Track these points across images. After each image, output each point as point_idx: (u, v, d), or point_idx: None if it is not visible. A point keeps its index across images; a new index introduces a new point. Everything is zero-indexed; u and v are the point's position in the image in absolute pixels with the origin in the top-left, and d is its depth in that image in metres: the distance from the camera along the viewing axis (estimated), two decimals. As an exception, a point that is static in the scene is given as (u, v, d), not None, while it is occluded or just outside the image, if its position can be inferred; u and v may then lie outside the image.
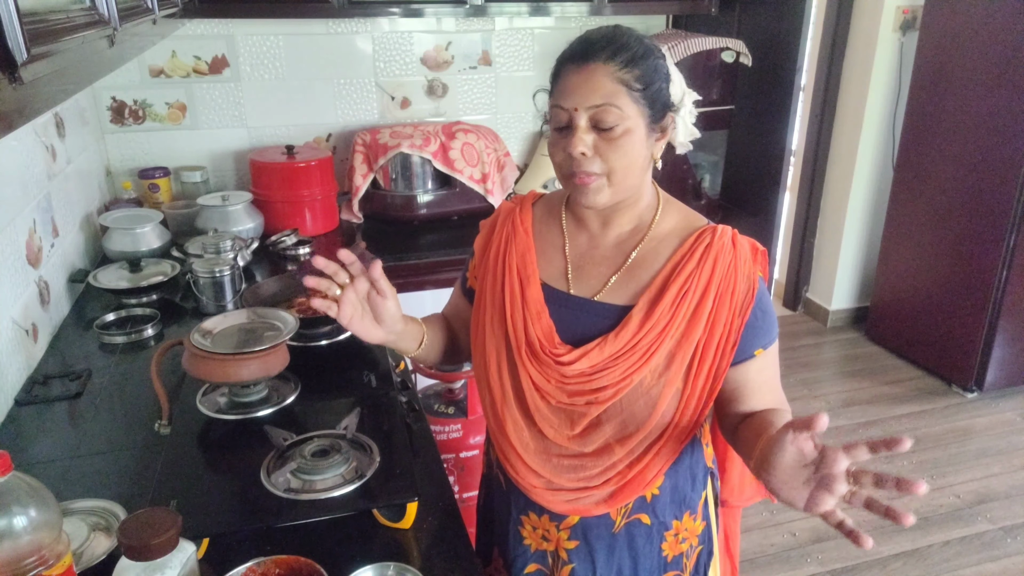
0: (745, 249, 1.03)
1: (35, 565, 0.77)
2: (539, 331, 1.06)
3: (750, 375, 1.04)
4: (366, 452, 1.14)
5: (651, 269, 1.04)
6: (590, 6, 2.60)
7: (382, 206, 2.59)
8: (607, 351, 1.01)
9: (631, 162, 0.98)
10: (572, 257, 1.10)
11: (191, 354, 1.29)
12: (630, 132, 0.96)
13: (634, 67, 0.96)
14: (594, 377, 1.02)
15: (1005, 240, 2.97)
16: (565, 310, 1.08)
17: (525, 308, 1.08)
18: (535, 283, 1.09)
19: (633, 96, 0.96)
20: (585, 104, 0.96)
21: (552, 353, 1.05)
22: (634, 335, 1.01)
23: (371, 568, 0.97)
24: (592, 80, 0.95)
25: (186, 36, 2.48)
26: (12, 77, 0.60)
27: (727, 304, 1.01)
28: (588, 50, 0.97)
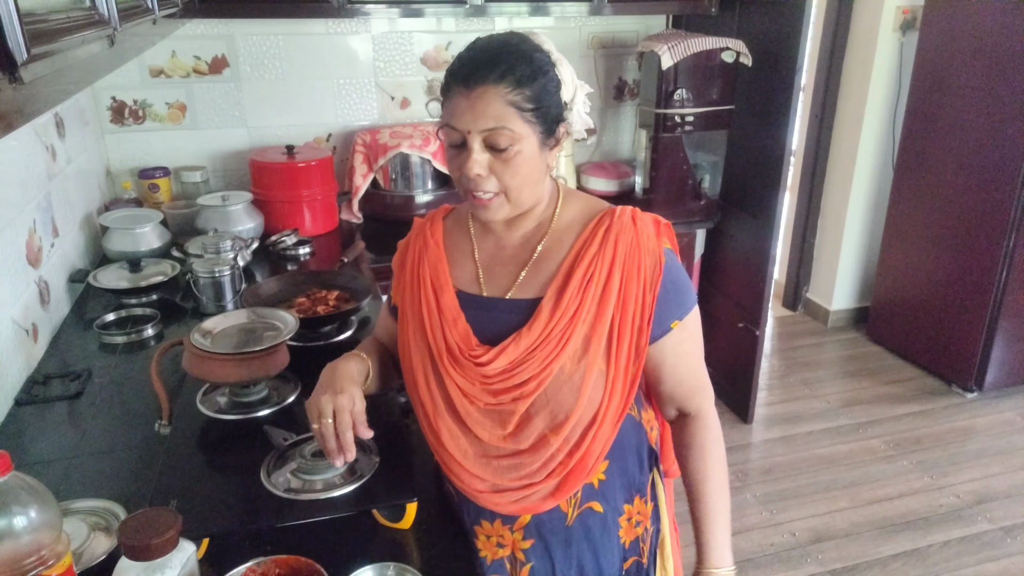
0: (647, 225, 1.06)
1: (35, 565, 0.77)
2: (456, 336, 1.08)
3: (667, 350, 1.07)
4: (366, 452, 1.14)
5: (556, 259, 1.06)
6: (590, 6, 2.60)
7: (382, 206, 2.59)
8: (523, 345, 1.03)
9: (525, 178, 1.01)
10: (482, 261, 1.12)
11: (191, 354, 1.29)
12: (523, 151, 0.98)
13: (524, 87, 0.96)
14: (514, 373, 1.04)
15: (1005, 240, 2.97)
16: (480, 312, 1.09)
17: (441, 316, 1.10)
18: (449, 291, 1.11)
19: (524, 116, 0.97)
20: (477, 128, 0.97)
21: (471, 356, 1.06)
22: (546, 325, 1.03)
23: (371, 568, 0.97)
24: (482, 102, 0.96)
25: (186, 36, 2.48)
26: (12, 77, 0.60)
27: (635, 280, 1.03)
28: (477, 71, 0.97)
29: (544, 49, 1.02)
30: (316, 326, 1.63)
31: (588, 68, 2.97)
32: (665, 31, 2.93)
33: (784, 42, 2.51)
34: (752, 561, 2.35)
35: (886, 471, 2.78)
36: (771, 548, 2.40)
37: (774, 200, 2.62)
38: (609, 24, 2.95)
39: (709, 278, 3.10)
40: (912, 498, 2.63)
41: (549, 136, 1.02)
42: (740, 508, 2.58)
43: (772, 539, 2.44)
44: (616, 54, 3.00)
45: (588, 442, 1.05)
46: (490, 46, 1.00)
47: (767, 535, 2.46)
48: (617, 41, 2.98)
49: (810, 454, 2.89)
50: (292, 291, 1.73)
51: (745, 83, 2.70)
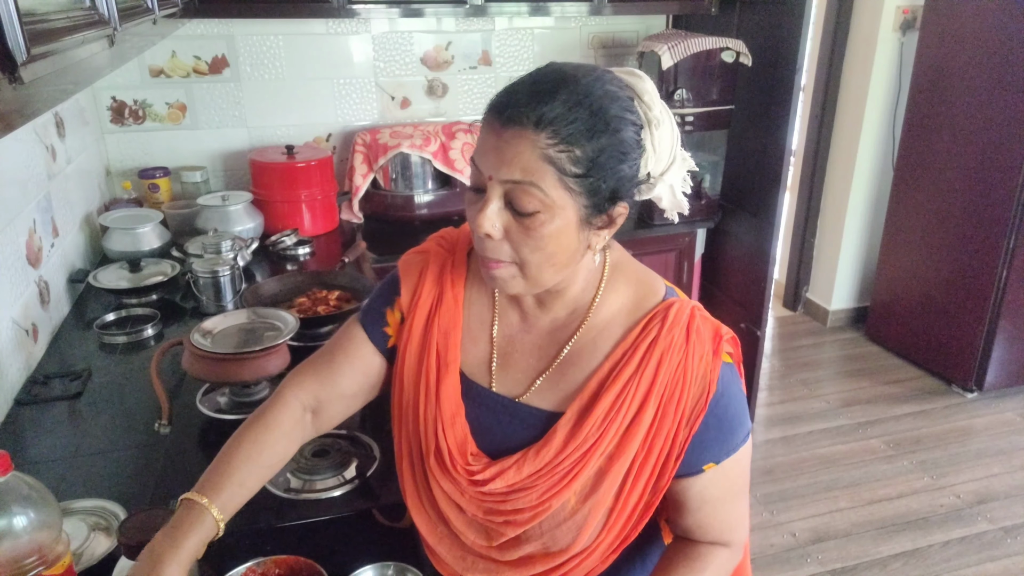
0: (703, 343, 0.84)
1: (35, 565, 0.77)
2: (452, 441, 0.89)
3: (692, 492, 0.88)
4: (366, 452, 1.14)
5: (586, 368, 0.86)
6: (590, 6, 2.60)
7: (382, 206, 2.59)
8: (525, 470, 0.86)
9: (550, 257, 0.78)
10: (499, 342, 0.91)
11: (191, 354, 1.29)
12: (552, 222, 0.76)
13: (574, 144, 0.73)
14: (510, 498, 0.87)
15: (1005, 240, 2.97)
16: (484, 410, 0.90)
17: (439, 407, 0.90)
18: (454, 372, 0.91)
19: (564, 181, 0.74)
20: (500, 176, 0.75)
21: (465, 468, 0.89)
22: (557, 453, 0.85)
23: (371, 568, 0.97)
24: (513, 148, 0.74)
25: (186, 36, 2.48)
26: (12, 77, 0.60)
27: (672, 414, 0.83)
28: (517, 106, 0.74)
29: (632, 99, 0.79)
30: (316, 326, 1.63)
31: (588, 68, 2.97)
32: (665, 31, 2.93)
33: (784, 42, 2.51)
34: (752, 561, 2.34)
35: (886, 471, 2.78)
36: (771, 548, 2.40)
37: (774, 200, 2.62)
38: (609, 24, 2.94)
39: (710, 278, 3.10)
40: (912, 498, 2.63)
41: (597, 214, 0.79)
42: (740, 508, 2.58)
43: (772, 539, 2.44)
44: (616, 54, 3.00)
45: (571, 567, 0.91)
46: (549, 77, 0.76)
47: (767, 535, 2.46)
48: (617, 41, 2.98)
49: (810, 454, 2.89)
50: (292, 291, 1.73)
51: (745, 83, 2.70)
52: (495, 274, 0.82)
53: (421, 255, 0.97)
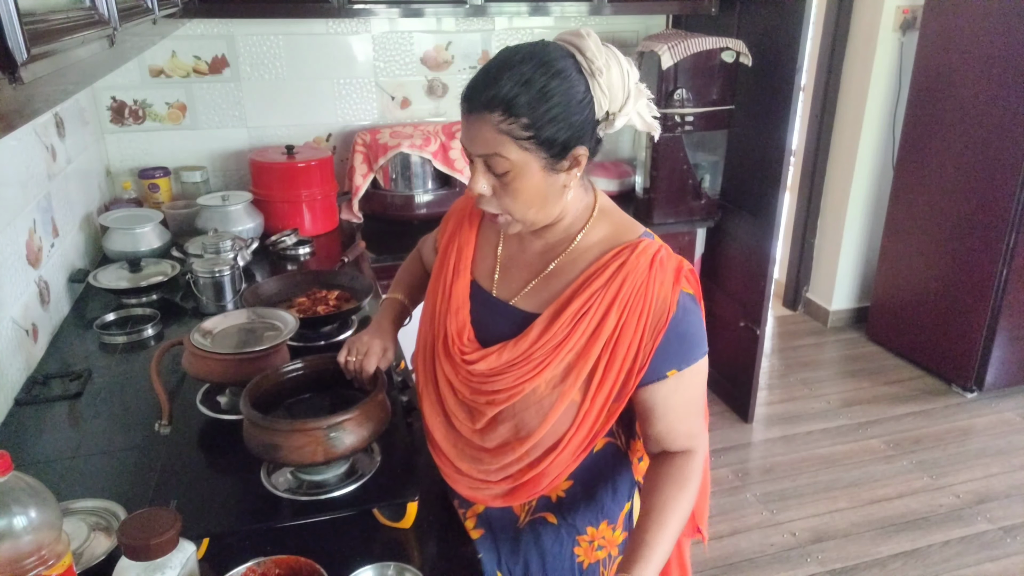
0: (665, 271, 1.00)
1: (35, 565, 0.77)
2: (454, 327, 1.10)
3: (659, 396, 1.02)
4: (366, 452, 1.14)
5: (564, 280, 1.04)
6: (590, 6, 2.60)
7: (382, 206, 2.59)
8: (505, 357, 1.03)
9: (529, 201, 0.98)
10: (502, 258, 1.12)
11: (191, 354, 1.29)
12: (522, 176, 0.95)
13: (519, 115, 0.92)
14: (491, 379, 1.04)
15: (1005, 240, 2.97)
16: (485, 309, 1.10)
17: (448, 302, 1.12)
18: (464, 278, 1.13)
19: (520, 144, 0.93)
20: (475, 151, 0.97)
21: (460, 351, 1.08)
22: (531, 345, 1.02)
23: (371, 568, 0.97)
24: (476, 128, 0.95)
25: (186, 36, 2.48)
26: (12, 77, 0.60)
27: (634, 325, 0.99)
28: (473, 95, 0.95)
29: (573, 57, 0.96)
30: (316, 326, 1.63)
31: (588, 68, 2.97)
32: (665, 31, 2.93)
33: (784, 42, 2.51)
34: (752, 561, 2.35)
35: (886, 471, 2.78)
36: (771, 548, 2.40)
37: (774, 200, 2.63)
38: (609, 24, 2.94)
39: (710, 277, 3.10)
40: (912, 498, 2.63)
41: (558, 160, 0.97)
42: (740, 508, 2.58)
43: (772, 539, 2.44)
44: (616, 54, 3.00)
45: (547, 464, 1.05)
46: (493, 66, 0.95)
47: (767, 535, 2.46)
48: (617, 41, 2.98)
49: (810, 454, 2.89)
50: (292, 291, 1.73)
51: (745, 83, 2.70)
52: (497, 222, 1.03)
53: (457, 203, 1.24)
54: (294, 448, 1.01)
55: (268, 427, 1.02)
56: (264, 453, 1.03)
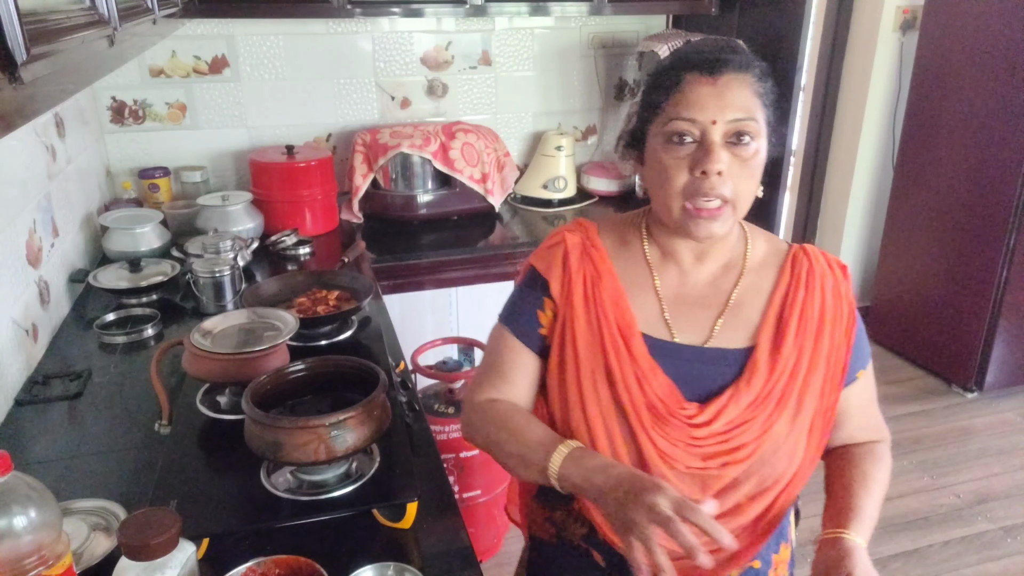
0: (836, 267, 1.00)
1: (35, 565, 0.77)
2: (658, 391, 0.93)
3: (852, 399, 0.99)
4: (366, 452, 1.14)
5: (757, 305, 0.96)
6: (590, 6, 2.60)
7: (382, 206, 2.59)
8: (742, 402, 0.91)
9: (754, 183, 0.91)
10: (666, 297, 0.97)
11: (191, 354, 1.29)
12: (760, 152, 0.90)
13: (767, 79, 0.90)
14: (730, 435, 0.91)
15: (1005, 240, 2.97)
16: (675, 362, 0.95)
17: (635, 366, 0.94)
18: (636, 333, 0.95)
19: (764, 110, 0.90)
20: (725, 117, 0.86)
21: (681, 415, 0.92)
22: (767, 380, 0.92)
23: (371, 568, 0.97)
24: (731, 91, 0.87)
25: (186, 36, 2.48)
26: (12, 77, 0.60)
27: (837, 329, 0.95)
28: (721, 58, 0.88)
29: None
30: (316, 326, 1.63)
31: (588, 68, 2.97)
32: (665, 31, 2.93)
33: (784, 42, 2.51)
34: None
35: (886, 471, 2.78)
36: (771, 548, 2.40)
37: (774, 200, 2.62)
38: (609, 24, 2.94)
39: (709, 278, 3.10)
40: (912, 498, 2.63)
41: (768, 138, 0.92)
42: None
43: (772, 539, 2.44)
44: (616, 54, 3.00)
45: (775, 511, 0.95)
46: (720, 40, 0.95)
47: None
48: (617, 41, 2.98)
49: (810, 454, 2.89)
50: (292, 291, 1.73)
51: (745, 83, 2.70)
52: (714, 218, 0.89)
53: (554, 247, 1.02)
54: (296, 446, 1.01)
55: (271, 425, 1.02)
56: (266, 451, 1.03)
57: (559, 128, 3.02)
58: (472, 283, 2.48)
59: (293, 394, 1.19)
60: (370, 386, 1.11)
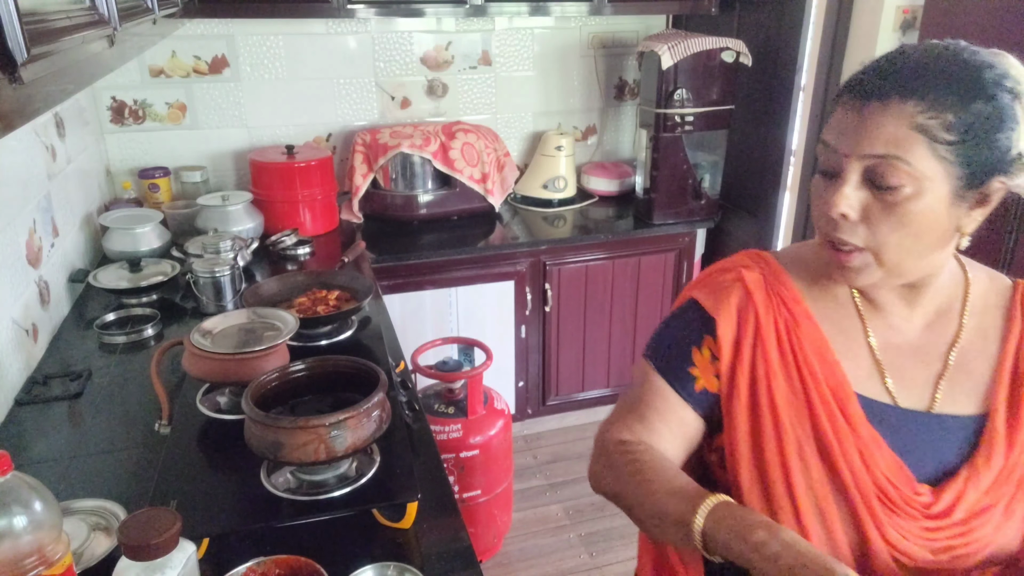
0: None
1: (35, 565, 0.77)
2: (885, 469, 0.77)
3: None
4: (366, 452, 1.14)
5: (987, 358, 0.80)
6: (590, 6, 2.60)
7: (382, 206, 2.59)
8: (982, 484, 0.75)
9: (914, 238, 0.73)
10: (881, 352, 0.81)
11: (191, 354, 1.29)
12: (920, 197, 0.71)
13: (947, 109, 0.69)
14: (971, 525, 0.76)
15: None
16: (898, 432, 0.79)
17: (855, 435, 0.77)
18: (852, 396, 0.79)
19: (935, 149, 0.69)
20: (859, 151, 0.72)
21: (916, 501, 0.76)
22: (1007, 455, 0.76)
23: (371, 568, 0.97)
24: (874, 121, 0.71)
25: (186, 36, 2.48)
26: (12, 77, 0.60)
27: None
28: (881, 80, 0.72)
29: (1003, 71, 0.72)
30: (316, 326, 1.63)
31: (588, 68, 2.97)
32: (665, 31, 2.93)
33: (784, 42, 2.51)
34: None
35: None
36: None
37: (774, 200, 2.63)
38: (609, 24, 2.94)
39: (709, 278, 3.10)
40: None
41: (970, 189, 0.72)
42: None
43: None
44: (616, 54, 3.00)
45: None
46: (912, 55, 0.73)
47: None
48: (617, 41, 2.98)
49: (810, 454, 2.88)
50: (292, 291, 1.73)
51: (745, 83, 2.70)
52: (847, 265, 0.75)
53: (728, 278, 0.85)
54: (297, 446, 1.01)
55: (271, 425, 1.02)
56: (266, 451, 1.03)
57: (559, 128, 3.02)
58: (472, 283, 2.48)
59: (293, 394, 1.19)
60: (370, 386, 1.11)
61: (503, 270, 2.50)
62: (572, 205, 2.86)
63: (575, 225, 2.72)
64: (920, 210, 0.71)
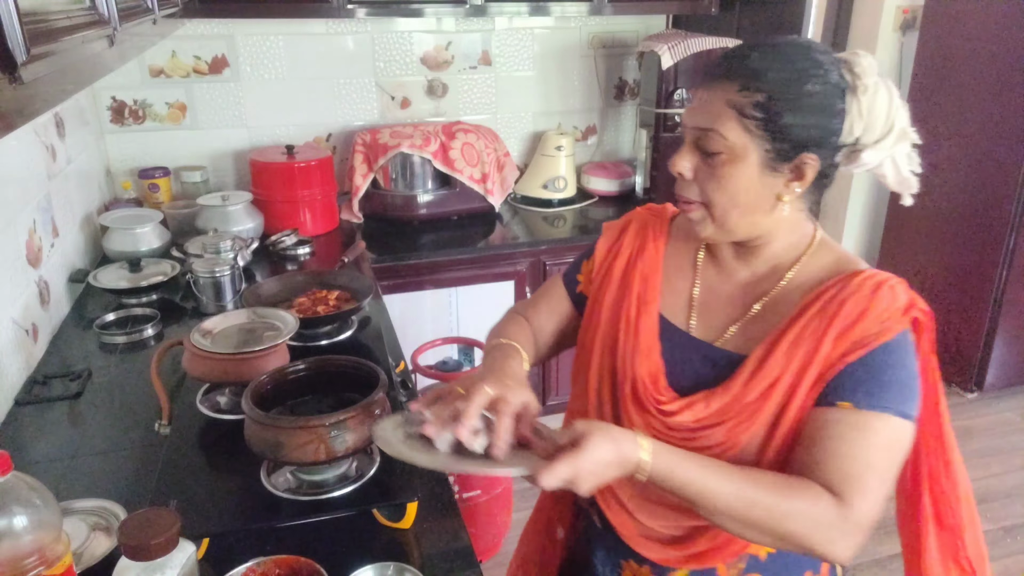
0: (896, 297, 0.86)
1: (35, 565, 0.77)
2: (645, 371, 0.95)
3: (820, 422, 0.85)
4: (366, 452, 1.14)
5: (779, 318, 0.91)
6: (590, 6, 2.60)
7: (382, 206, 2.59)
8: (713, 405, 0.89)
9: (733, 197, 0.87)
10: (700, 291, 0.99)
11: (191, 354, 1.29)
12: (734, 164, 0.85)
13: (759, 91, 0.83)
14: (697, 434, 0.90)
15: (1005, 240, 2.97)
16: (678, 351, 0.96)
17: (636, 340, 0.97)
18: (652, 312, 0.98)
19: (745, 124, 0.84)
20: (691, 123, 0.89)
21: (655, 399, 0.93)
22: (743, 388, 0.89)
23: (371, 568, 0.97)
24: (704, 98, 0.87)
25: (186, 36, 2.48)
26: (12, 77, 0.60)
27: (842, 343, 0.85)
28: (717, 66, 0.87)
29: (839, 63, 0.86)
30: (316, 326, 1.63)
31: (588, 68, 2.97)
32: (665, 31, 2.93)
33: (784, 42, 2.51)
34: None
35: (886, 471, 2.77)
36: (771, 548, 2.40)
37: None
38: (609, 24, 2.94)
39: (709, 278, 3.10)
40: (912, 498, 2.62)
41: (781, 161, 0.86)
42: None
43: (772, 539, 2.44)
44: (616, 54, 3.00)
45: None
46: (754, 46, 0.87)
47: (767, 535, 2.46)
48: (617, 41, 2.98)
49: (810, 454, 2.88)
50: (292, 291, 1.73)
51: (745, 83, 2.70)
52: (689, 214, 0.92)
53: (625, 218, 1.10)
54: (297, 446, 1.01)
55: (271, 425, 1.02)
56: (266, 451, 1.03)
57: (559, 128, 3.03)
58: (472, 283, 2.48)
59: (293, 394, 1.19)
60: (370, 386, 1.11)
61: (503, 270, 2.50)
62: (572, 205, 2.86)
63: (575, 225, 2.72)
64: (735, 175, 0.86)
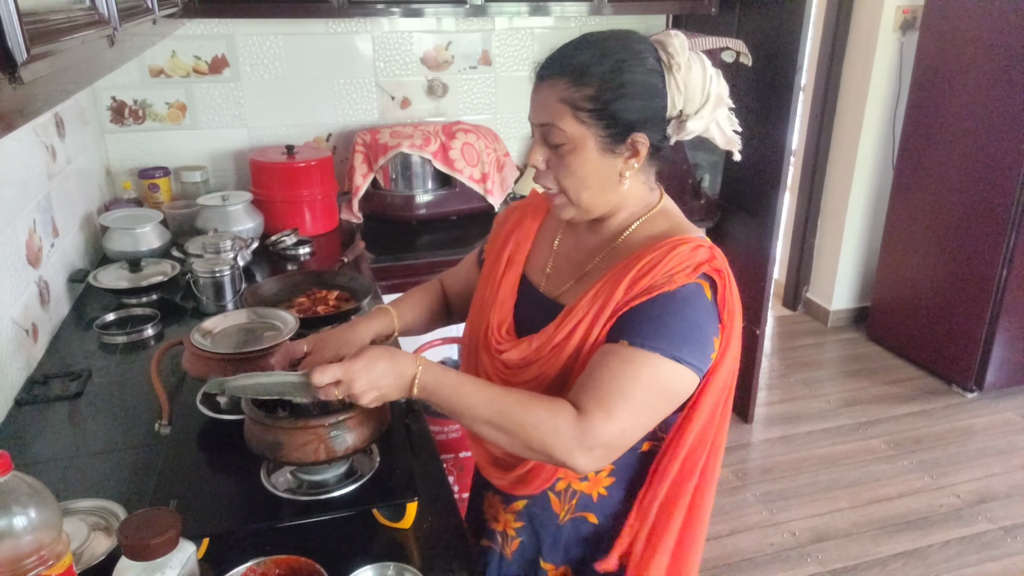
0: (693, 257, 0.94)
1: (35, 565, 0.77)
2: (495, 319, 1.10)
3: (597, 355, 0.95)
4: (366, 452, 1.14)
5: (600, 274, 1.01)
6: (590, 6, 2.60)
7: (382, 206, 2.59)
8: (534, 344, 1.03)
9: (583, 181, 0.97)
10: (556, 255, 1.12)
11: (191, 354, 1.29)
12: (576, 152, 0.95)
13: (586, 86, 0.92)
14: (521, 371, 1.05)
15: (1005, 240, 2.97)
16: (531, 305, 1.11)
17: (496, 294, 1.12)
18: (515, 271, 1.13)
19: (578, 116, 0.93)
20: (535, 120, 0.98)
21: (496, 341, 1.09)
22: (554, 331, 1.00)
23: (371, 568, 0.97)
24: (541, 97, 0.96)
25: (186, 36, 2.48)
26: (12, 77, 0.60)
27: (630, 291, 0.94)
28: (547, 64, 0.97)
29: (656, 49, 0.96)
30: (316, 326, 1.63)
31: (588, 68, 2.97)
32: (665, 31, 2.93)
33: (784, 42, 2.51)
34: (752, 561, 2.35)
35: (886, 471, 2.78)
36: (771, 548, 2.40)
37: (774, 200, 2.63)
38: (609, 24, 2.94)
39: (709, 278, 3.10)
40: (912, 498, 2.63)
41: (616, 143, 0.95)
42: (739, 508, 2.58)
43: (772, 539, 2.44)
44: (616, 54, 3.00)
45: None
46: (577, 41, 0.97)
47: (767, 534, 2.46)
48: (617, 41, 2.98)
49: (810, 454, 2.89)
50: (292, 291, 1.74)
51: (745, 83, 2.70)
52: (553, 203, 1.02)
53: (522, 201, 1.24)
54: (296, 446, 1.01)
55: (271, 425, 1.02)
56: (266, 452, 1.03)
57: (559, 128, 3.02)
58: (472, 283, 2.48)
59: (293, 394, 1.19)
60: (370, 386, 1.10)
61: (503, 270, 2.50)
62: (572, 205, 2.86)
63: (575, 225, 2.71)
64: (580, 162, 0.96)
